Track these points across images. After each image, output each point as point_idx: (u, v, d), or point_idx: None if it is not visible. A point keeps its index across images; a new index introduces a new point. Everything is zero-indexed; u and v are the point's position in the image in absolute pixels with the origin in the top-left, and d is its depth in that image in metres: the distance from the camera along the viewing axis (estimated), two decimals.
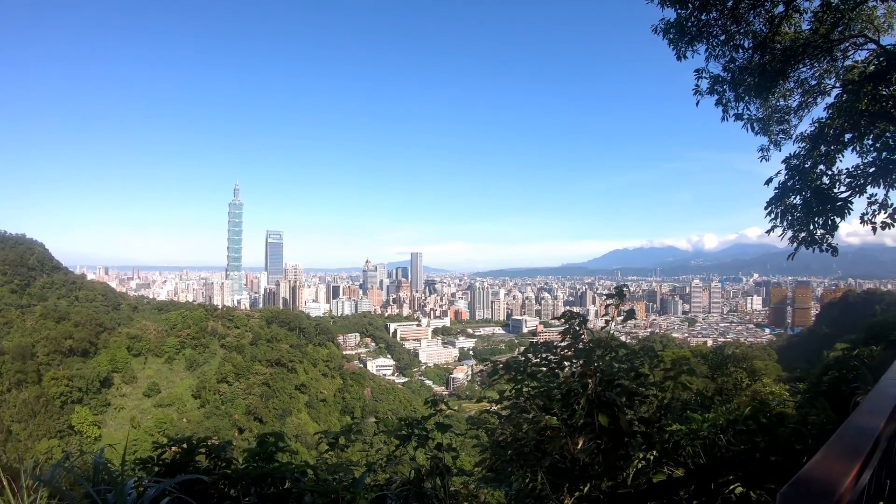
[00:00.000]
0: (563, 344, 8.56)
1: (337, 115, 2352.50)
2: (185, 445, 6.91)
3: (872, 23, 17.73)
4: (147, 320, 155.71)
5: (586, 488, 7.35)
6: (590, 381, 7.82)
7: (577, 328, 8.42)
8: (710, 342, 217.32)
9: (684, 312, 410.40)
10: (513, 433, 8.48)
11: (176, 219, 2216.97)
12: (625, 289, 9.04)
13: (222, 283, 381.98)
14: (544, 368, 8.68)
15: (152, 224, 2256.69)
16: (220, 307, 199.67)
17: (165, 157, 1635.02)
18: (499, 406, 9.06)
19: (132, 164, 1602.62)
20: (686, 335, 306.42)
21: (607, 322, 8.96)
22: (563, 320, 8.69)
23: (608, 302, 8.94)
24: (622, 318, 8.81)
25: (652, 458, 6.95)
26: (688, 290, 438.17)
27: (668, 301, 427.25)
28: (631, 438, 7.74)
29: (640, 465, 6.93)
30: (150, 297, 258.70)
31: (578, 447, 7.83)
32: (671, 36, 17.54)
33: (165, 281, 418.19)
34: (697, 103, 18.42)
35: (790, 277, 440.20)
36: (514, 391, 8.58)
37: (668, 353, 54.96)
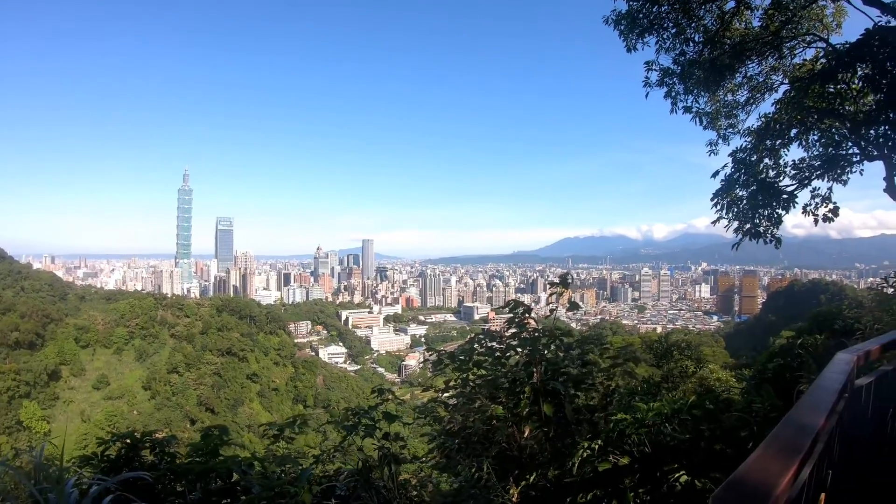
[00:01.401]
0: (508, 333, 8.61)
1: (287, 98, 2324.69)
2: (128, 441, 6.79)
3: (822, 21, 18.10)
4: (95, 310, 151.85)
5: (532, 477, 7.44)
6: (535, 369, 7.90)
7: (522, 317, 8.47)
8: (659, 329, 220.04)
9: (634, 300, 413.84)
10: (460, 422, 8.52)
11: (123, 205, 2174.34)
12: (569, 277, 9.09)
13: (171, 271, 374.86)
14: (490, 358, 8.70)
15: (99, 211, 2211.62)
16: (169, 296, 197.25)
17: (112, 140, 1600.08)
18: (446, 395, 9.10)
19: (77, 148, 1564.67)
20: (636, 322, 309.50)
21: (552, 311, 9.02)
22: (508, 309, 8.73)
23: (553, 290, 9.00)
24: (566, 307, 8.87)
25: (597, 446, 7.05)
26: (637, 278, 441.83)
27: (619, 289, 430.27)
28: (577, 427, 7.87)
29: (585, 454, 7.03)
30: (98, 286, 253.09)
31: (525, 436, 7.92)
32: (622, 27, 17.71)
33: (113, 269, 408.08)
34: (647, 95, 18.70)
35: (738, 266, 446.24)
36: (459, 381, 8.63)
37: (618, 340, 55.51)
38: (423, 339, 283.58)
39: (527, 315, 8.51)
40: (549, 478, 7.44)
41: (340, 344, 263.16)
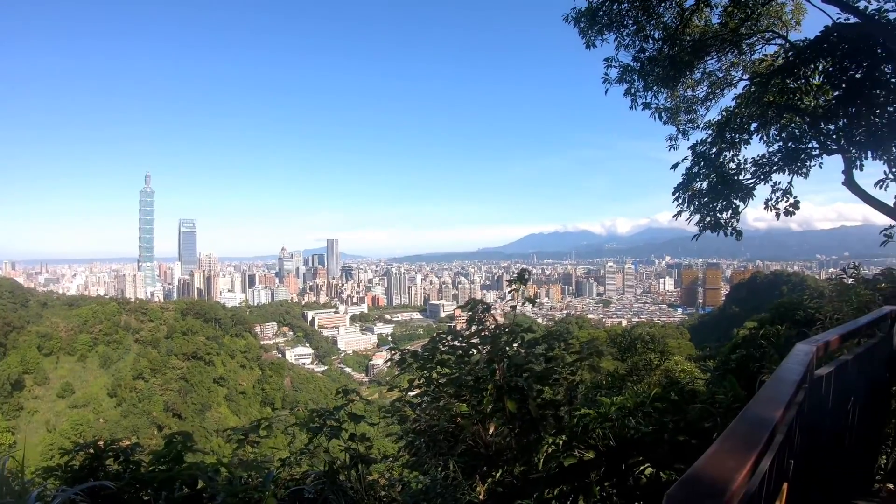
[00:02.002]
0: (469, 331, 8.63)
1: (248, 97, 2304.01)
2: (92, 451, 6.63)
3: (781, 19, 18.36)
4: (57, 317, 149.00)
5: (498, 474, 7.49)
6: (497, 367, 7.94)
7: (481, 315, 8.50)
8: (624, 322, 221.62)
9: (599, 294, 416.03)
10: (426, 421, 8.54)
11: (84, 208, 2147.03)
12: (527, 273, 9.12)
13: (135, 275, 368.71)
14: (453, 357, 8.71)
15: (59, 215, 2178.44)
16: (133, 300, 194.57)
17: (71, 142, 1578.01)
18: (411, 395, 9.11)
19: (35, 150, 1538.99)
20: (601, 316, 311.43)
21: (512, 307, 9.06)
22: (468, 308, 8.75)
23: (512, 287, 9.03)
24: (523, 302, 8.90)
25: (561, 441, 7.10)
26: (602, 272, 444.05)
27: (584, 283, 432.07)
28: (543, 422, 7.92)
29: (550, 450, 7.08)
30: (60, 292, 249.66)
31: (490, 433, 7.96)
32: (582, 25, 17.84)
33: (75, 274, 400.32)
34: (606, 91, 18.82)
35: (701, 260, 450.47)
36: (423, 380, 8.65)
37: (584, 334, 55.88)
38: (389, 338, 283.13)
39: (486, 313, 8.54)
40: (516, 474, 7.48)
41: (307, 345, 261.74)
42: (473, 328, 8.57)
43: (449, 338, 8.87)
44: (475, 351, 8.60)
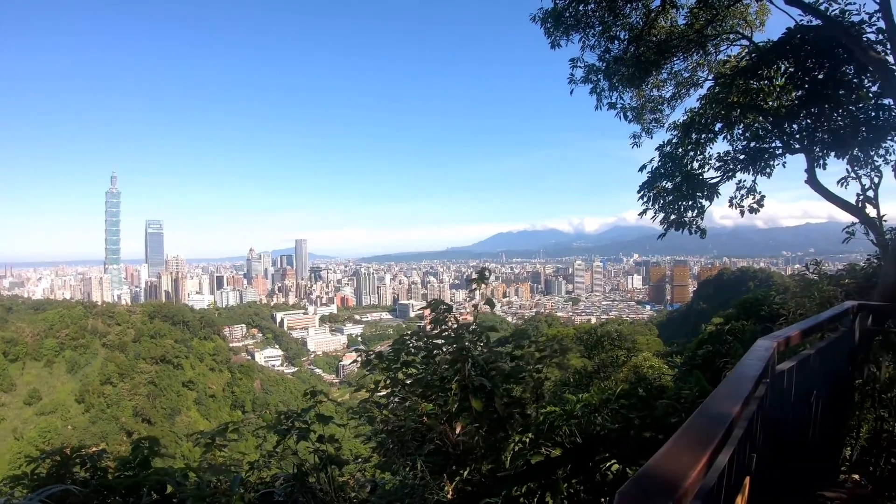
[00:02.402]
0: (434, 332, 8.67)
1: (213, 97, 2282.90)
2: (59, 458, 6.52)
3: (745, 20, 18.62)
4: (23, 322, 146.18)
5: (466, 472, 7.55)
6: (461, 366, 7.99)
7: (444, 315, 8.55)
8: (593, 320, 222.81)
9: (568, 292, 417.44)
10: (394, 422, 8.57)
11: (49, 210, 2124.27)
12: (487, 272, 9.15)
13: (101, 278, 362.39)
14: (418, 357, 8.75)
15: (23, 217, 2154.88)
16: (99, 303, 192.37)
17: (34, 143, 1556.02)
18: (378, 395, 9.13)
19: None
20: (570, 314, 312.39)
21: (475, 306, 9.10)
22: (430, 309, 8.78)
23: (472, 286, 9.07)
24: (483, 301, 8.93)
25: (528, 439, 7.18)
26: (571, 270, 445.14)
27: (552, 281, 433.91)
28: (510, 421, 8.01)
29: (517, 448, 7.16)
30: (25, 296, 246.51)
31: (457, 432, 8.03)
32: (548, 25, 17.96)
33: (41, 278, 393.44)
34: (571, 92, 18.94)
35: (668, 257, 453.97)
36: (389, 381, 8.69)
37: (553, 332, 56.05)
38: (359, 339, 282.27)
39: (448, 313, 8.58)
40: (484, 472, 7.55)
41: (276, 346, 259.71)
42: (437, 328, 8.61)
43: (414, 338, 8.93)
44: (439, 351, 8.66)
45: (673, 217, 17.86)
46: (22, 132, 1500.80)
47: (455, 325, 8.53)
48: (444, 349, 8.55)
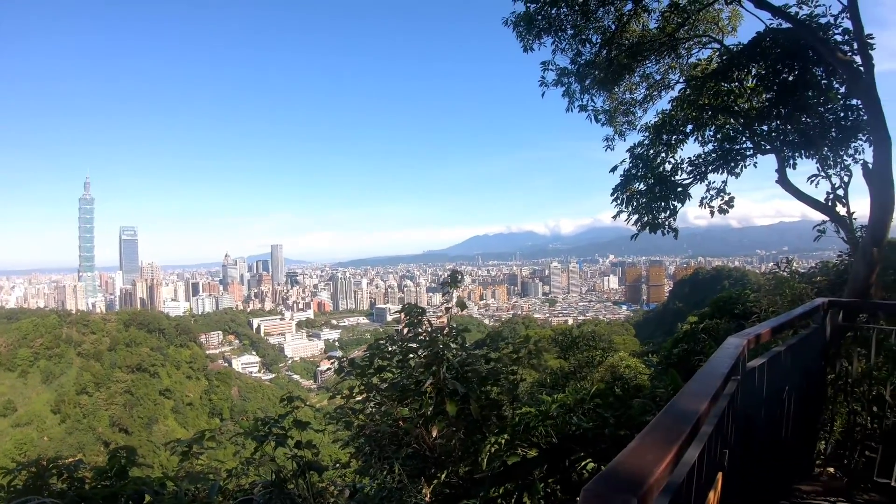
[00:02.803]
0: (408, 336, 8.71)
1: (186, 101, 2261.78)
2: (34, 469, 6.45)
3: (717, 24, 18.82)
4: None
5: (444, 475, 7.60)
6: (435, 368, 8.03)
7: (417, 319, 8.59)
8: (570, 321, 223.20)
9: (545, 294, 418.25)
10: (370, 427, 8.58)
11: (21, 217, 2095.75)
12: (459, 275, 9.20)
13: (75, 286, 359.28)
14: (393, 362, 8.79)
15: None
16: (74, 312, 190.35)
17: (3, 149, 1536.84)
18: (353, 401, 9.13)
19: None
20: (547, 315, 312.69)
21: (447, 309, 9.15)
22: (403, 313, 8.83)
23: (445, 289, 9.11)
24: (454, 304, 8.98)
25: (503, 441, 7.26)
26: (547, 272, 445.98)
27: (529, 283, 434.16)
28: (486, 423, 8.07)
29: (493, 449, 7.23)
30: None
31: (434, 436, 8.09)
32: (520, 29, 18.08)
33: (14, 286, 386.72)
34: (543, 94, 19.04)
35: (644, 257, 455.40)
36: (363, 386, 8.72)
37: (530, 333, 56.24)
38: (336, 344, 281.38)
39: (421, 316, 8.63)
40: (461, 474, 7.62)
41: (254, 353, 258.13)
42: (410, 332, 8.66)
43: (388, 343, 8.98)
44: (414, 355, 8.70)
45: (646, 218, 18.00)
46: None
47: (429, 329, 8.59)
48: (419, 353, 8.60)
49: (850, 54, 13.17)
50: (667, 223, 18.03)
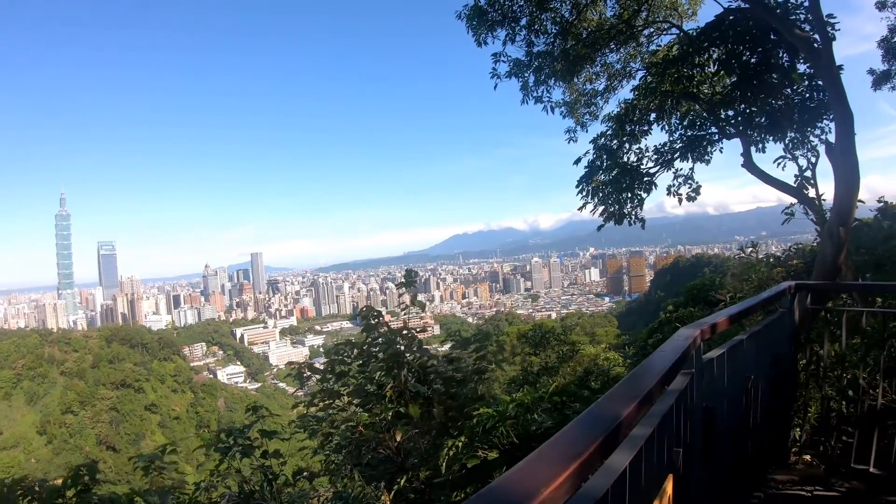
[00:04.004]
0: (367, 340, 8.53)
1: (160, 111, 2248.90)
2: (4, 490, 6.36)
3: (676, 9, 18.68)
4: None
5: (403, 480, 7.43)
6: (396, 371, 7.85)
7: (376, 322, 8.42)
8: (554, 315, 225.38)
9: (527, 289, 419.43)
10: (335, 434, 8.42)
11: None
12: (414, 274, 9.02)
13: (55, 304, 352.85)
14: (354, 366, 8.62)
15: None
16: (55, 330, 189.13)
17: None
18: (314, 408, 8.95)
19: None
20: (530, 311, 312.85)
21: (403, 310, 8.96)
22: (361, 317, 8.64)
23: (400, 291, 8.94)
24: (408, 305, 8.79)
25: (461, 444, 7.07)
26: (528, 267, 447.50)
27: (511, 280, 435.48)
28: (455, 424, 7.89)
29: (451, 452, 7.05)
30: None
31: (396, 440, 7.92)
32: (473, 23, 17.82)
33: None
34: (496, 87, 18.77)
35: (624, 248, 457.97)
36: (323, 393, 8.53)
37: (513, 330, 56.24)
38: (321, 349, 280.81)
39: (378, 319, 8.46)
40: (423, 479, 7.45)
41: (238, 363, 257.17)
42: (369, 336, 8.48)
43: (348, 348, 8.79)
44: (374, 359, 8.51)
45: (612, 209, 17.91)
46: None
47: (385, 331, 8.41)
48: (380, 356, 8.40)
49: (809, 32, 13.03)
50: (633, 213, 17.93)
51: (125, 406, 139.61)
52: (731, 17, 15.24)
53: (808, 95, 15.05)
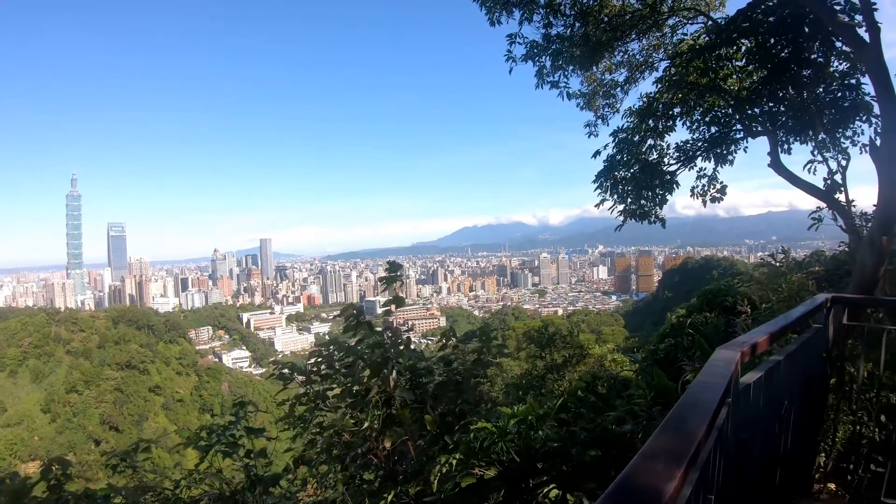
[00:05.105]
0: (353, 339, 7.89)
1: (172, 95, 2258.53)
2: None
3: None
4: None
5: (391, 495, 6.79)
6: (385, 373, 7.25)
7: (357, 321, 7.76)
8: (560, 311, 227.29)
9: (534, 284, 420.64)
10: (322, 437, 7.84)
11: (7, 215, 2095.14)
12: (399, 270, 8.35)
13: (64, 284, 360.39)
14: (340, 368, 8.00)
15: None
16: (62, 310, 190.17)
17: None
18: (302, 407, 8.36)
19: None
20: (537, 306, 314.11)
21: (386, 305, 8.30)
22: (343, 315, 7.99)
23: (382, 286, 8.29)
24: (392, 299, 8.09)
25: (454, 460, 6.39)
26: (536, 263, 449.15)
27: (518, 274, 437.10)
28: (449, 435, 7.24)
29: (444, 470, 6.36)
30: None
31: (383, 449, 7.30)
32: (489, 4, 16.96)
33: (2, 285, 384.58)
34: (510, 70, 17.88)
35: (633, 247, 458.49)
36: (306, 397, 7.95)
37: (519, 325, 55.76)
38: (327, 337, 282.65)
39: (360, 317, 7.80)
40: (412, 494, 6.78)
41: (244, 347, 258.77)
42: (353, 335, 7.82)
43: (333, 348, 8.15)
44: (361, 360, 7.86)
45: (633, 207, 17.30)
46: None
47: (367, 331, 7.74)
48: (366, 357, 7.74)
49: (853, 18, 12.16)
50: (653, 212, 17.28)
51: (129, 387, 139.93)
52: (763, 5, 14.40)
53: (840, 94, 14.19)
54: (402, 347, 7.72)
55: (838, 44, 13.29)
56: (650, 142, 17.54)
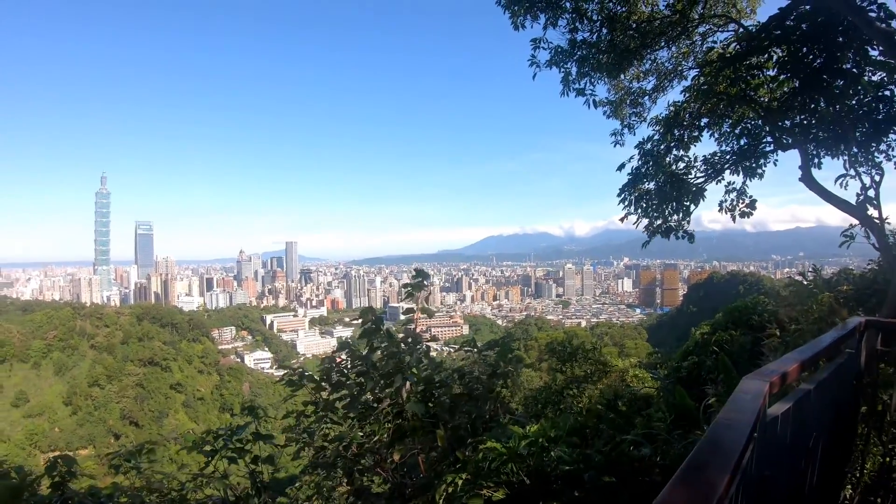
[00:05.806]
0: (367, 347, 7.57)
1: (204, 98, 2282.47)
2: None
3: (736, 6, 17.54)
4: (11, 323, 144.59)
5: None
6: (399, 384, 6.93)
7: (375, 326, 7.45)
8: (583, 323, 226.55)
9: (558, 295, 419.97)
10: (327, 451, 7.55)
11: (39, 210, 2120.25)
12: (424, 279, 8.04)
13: (90, 279, 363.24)
14: (352, 377, 7.68)
15: (13, 217, 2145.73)
16: (88, 305, 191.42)
17: (24, 143, 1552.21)
18: (306, 419, 8.05)
19: None
20: (560, 317, 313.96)
21: (408, 315, 7.98)
22: (360, 318, 7.68)
23: (406, 291, 7.96)
24: (419, 309, 7.78)
25: (461, 481, 6.05)
26: (561, 273, 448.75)
27: (543, 285, 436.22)
28: (461, 450, 6.93)
29: (450, 490, 6.02)
30: (14, 296, 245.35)
31: (391, 463, 7.01)
32: (515, 8, 16.57)
33: (29, 279, 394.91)
34: (534, 76, 17.55)
35: (658, 260, 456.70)
36: (314, 405, 7.66)
37: (543, 336, 55.31)
38: (349, 341, 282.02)
39: (380, 323, 7.50)
40: None
41: (266, 349, 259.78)
42: (368, 342, 7.52)
43: (347, 357, 7.83)
44: (374, 370, 7.54)
45: (658, 222, 16.93)
46: (9, 132, 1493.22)
47: (386, 338, 7.44)
48: (380, 366, 7.42)
49: (889, 25, 11.68)
50: (680, 226, 16.87)
51: (151, 383, 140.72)
52: (796, 11, 13.91)
53: (875, 106, 13.70)
54: (420, 356, 7.42)
55: (873, 53, 12.77)
56: (675, 153, 17.15)
